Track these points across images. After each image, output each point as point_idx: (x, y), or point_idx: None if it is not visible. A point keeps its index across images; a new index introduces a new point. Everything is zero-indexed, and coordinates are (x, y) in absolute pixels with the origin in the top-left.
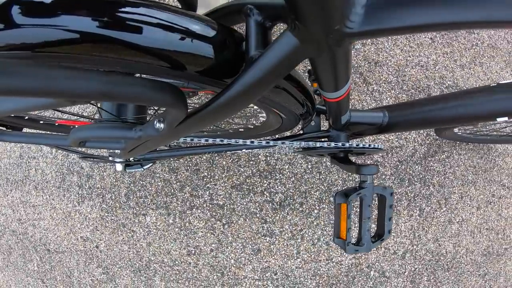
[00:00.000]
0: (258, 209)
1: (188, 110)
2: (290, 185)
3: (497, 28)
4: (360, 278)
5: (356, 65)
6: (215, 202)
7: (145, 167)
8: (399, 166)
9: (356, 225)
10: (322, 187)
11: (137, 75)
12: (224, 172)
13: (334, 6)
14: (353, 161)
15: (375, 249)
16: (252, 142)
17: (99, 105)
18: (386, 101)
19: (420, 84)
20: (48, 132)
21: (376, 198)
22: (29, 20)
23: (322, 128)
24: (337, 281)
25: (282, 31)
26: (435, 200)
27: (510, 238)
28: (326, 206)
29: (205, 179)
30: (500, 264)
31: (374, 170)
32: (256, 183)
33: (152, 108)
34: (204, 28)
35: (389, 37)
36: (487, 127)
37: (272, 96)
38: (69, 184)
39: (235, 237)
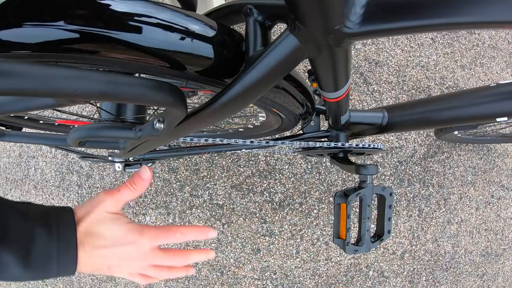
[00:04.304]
0: (258, 209)
1: (188, 110)
2: (289, 185)
3: (498, 29)
4: (359, 278)
5: (356, 65)
6: (214, 202)
7: None
8: (399, 167)
9: (356, 225)
10: (321, 187)
11: (137, 74)
12: (224, 172)
13: (334, 6)
14: (353, 161)
15: (374, 249)
16: (252, 142)
17: (98, 104)
18: (387, 101)
19: (421, 85)
20: (48, 132)
21: (376, 198)
22: (28, 19)
23: (321, 128)
24: (336, 281)
25: (282, 31)
26: (434, 201)
27: (509, 239)
28: (326, 206)
29: (204, 179)
30: (499, 264)
31: (374, 170)
32: (255, 183)
33: (151, 107)
34: (204, 28)
35: (390, 37)
36: (487, 127)
37: (272, 96)
38: (68, 184)
39: (234, 236)
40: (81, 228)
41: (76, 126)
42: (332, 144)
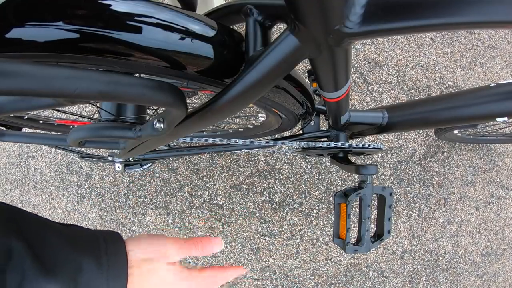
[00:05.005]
0: (258, 209)
1: (188, 110)
2: (289, 185)
3: (498, 29)
4: (359, 278)
5: (356, 65)
6: (214, 202)
7: (144, 167)
8: (399, 167)
9: (356, 225)
10: (321, 187)
11: (137, 74)
12: (224, 172)
13: (334, 6)
14: (353, 161)
15: (374, 249)
16: (252, 142)
17: (98, 104)
18: (386, 101)
19: (420, 84)
20: (48, 132)
21: (376, 198)
22: (28, 19)
23: (321, 128)
24: (336, 281)
25: (282, 31)
26: (434, 201)
27: (509, 239)
28: (325, 206)
29: (204, 179)
30: (499, 264)
31: (374, 170)
32: (255, 183)
33: (151, 107)
34: (204, 28)
35: (389, 37)
36: (487, 127)
37: (272, 96)
38: (68, 184)
39: (234, 237)
40: (132, 271)
41: (76, 126)
42: (332, 144)
